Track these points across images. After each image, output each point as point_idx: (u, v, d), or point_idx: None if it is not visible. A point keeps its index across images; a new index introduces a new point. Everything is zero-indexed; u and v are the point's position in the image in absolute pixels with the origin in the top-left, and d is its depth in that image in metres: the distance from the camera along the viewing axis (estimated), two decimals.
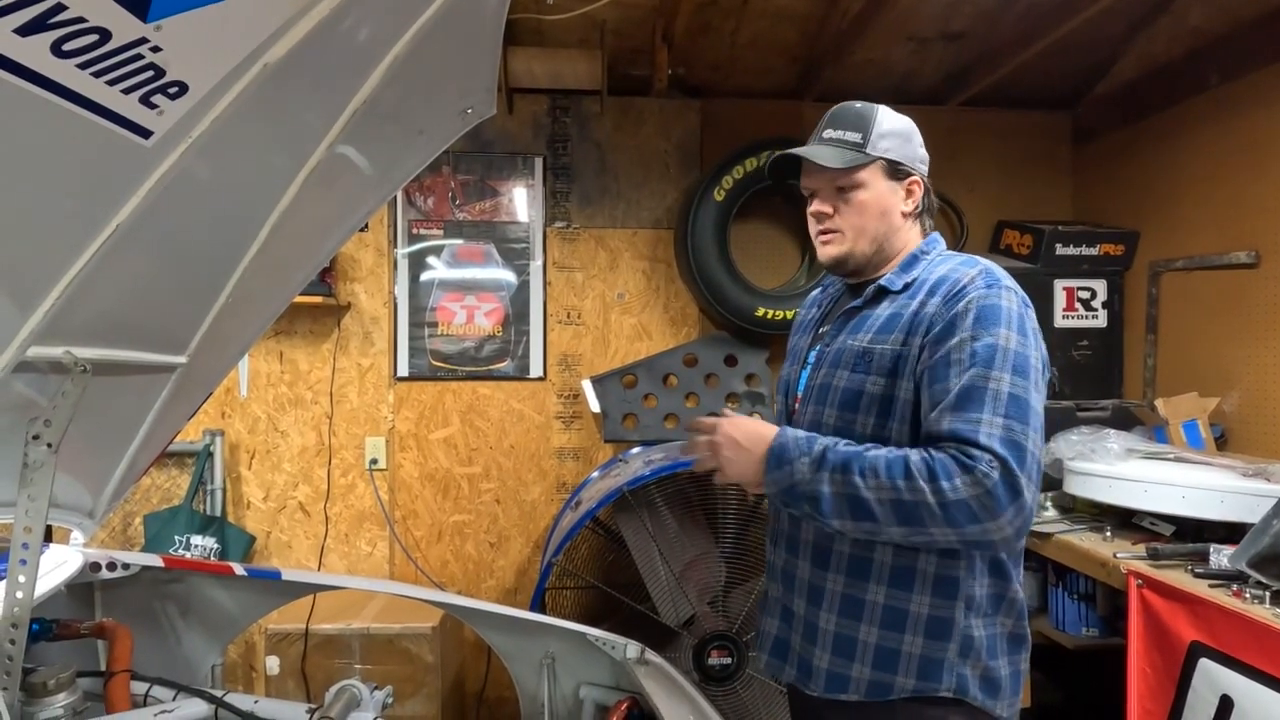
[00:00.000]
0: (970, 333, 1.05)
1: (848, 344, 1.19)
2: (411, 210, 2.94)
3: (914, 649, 1.11)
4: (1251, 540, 1.53)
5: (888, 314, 1.17)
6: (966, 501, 0.99)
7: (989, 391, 1.02)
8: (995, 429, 1.00)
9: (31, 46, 0.61)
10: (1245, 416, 2.41)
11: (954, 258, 1.19)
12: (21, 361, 0.89)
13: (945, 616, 1.10)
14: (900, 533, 1.04)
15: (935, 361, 1.07)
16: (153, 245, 0.93)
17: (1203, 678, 1.46)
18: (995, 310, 1.06)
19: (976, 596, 1.11)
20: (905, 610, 1.11)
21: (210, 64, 0.77)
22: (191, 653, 1.65)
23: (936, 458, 1.02)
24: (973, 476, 0.98)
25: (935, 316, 1.09)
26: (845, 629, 1.15)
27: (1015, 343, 1.05)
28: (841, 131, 1.19)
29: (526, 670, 1.60)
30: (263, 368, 2.83)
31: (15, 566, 1.03)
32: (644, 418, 2.79)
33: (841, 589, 1.16)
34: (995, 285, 1.09)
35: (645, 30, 2.58)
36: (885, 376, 1.12)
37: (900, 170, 1.20)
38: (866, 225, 1.19)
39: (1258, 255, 2.35)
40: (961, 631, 1.10)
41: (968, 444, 1.00)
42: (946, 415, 1.03)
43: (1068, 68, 2.83)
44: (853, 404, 1.15)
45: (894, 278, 1.20)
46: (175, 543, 2.62)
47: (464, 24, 0.98)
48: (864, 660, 1.13)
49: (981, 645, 1.11)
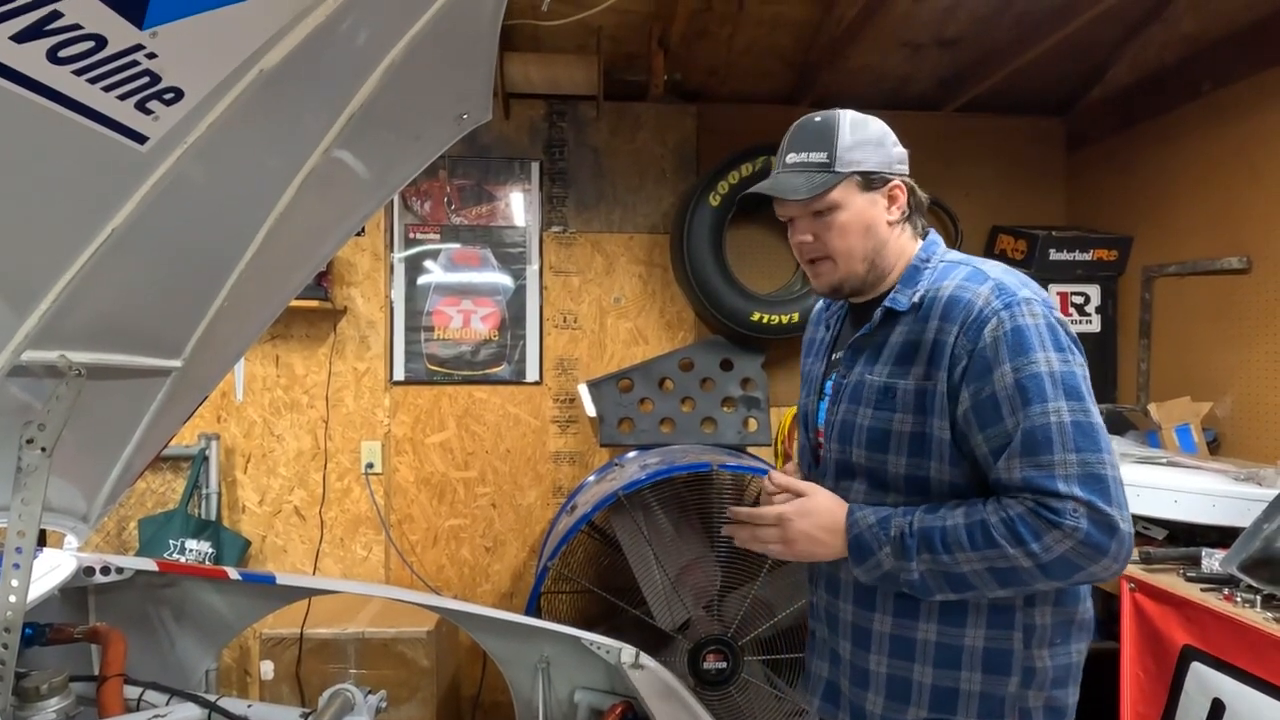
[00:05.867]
0: (1010, 365, 0.99)
1: (866, 378, 1.12)
2: (408, 214, 2.95)
3: (972, 685, 1.05)
4: (1243, 544, 1.54)
5: (902, 340, 1.10)
6: (1064, 556, 0.95)
7: (1052, 428, 0.96)
8: (1071, 469, 0.95)
9: (27, 53, 0.61)
10: (1238, 421, 2.42)
11: (958, 268, 1.11)
12: (16, 365, 0.89)
13: (1003, 648, 1.05)
14: (1009, 591, 1.01)
15: (981, 403, 1.01)
16: (148, 250, 0.94)
17: (1195, 681, 1.47)
18: (1023, 333, 0.99)
19: (1038, 626, 1.05)
20: (960, 645, 1.05)
21: (206, 70, 0.77)
22: (185, 657, 1.65)
23: (1016, 516, 0.96)
24: (1061, 531, 0.94)
25: (959, 349, 1.02)
26: (898, 670, 1.09)
27: (1057, 363, 0.99)
28: (805, 154, 1.11)
29: (522, 675, 1.60)
30: (259, 371, 2.83)
31: (8, 571, 1.03)
32: (640, 422, 2.80)
33: (889, 629, 1.10)
34: (1015, 302, 1.02)
35: (641, 36, 2.60)
36: (913, 414, 1.06)
37: (876, 179, 1.12)
38: (853, 246, 1.12)
39: (1249, 260, 2.37)
40: (1022, 664, 1.04)
41: (1046, 494, 0.95)
42: (1017, 463, 0.97)
43: (1061, 74, 2.85)
44: (881, 444, 1.09)
45: (899, 296, 1.12)
46: (170, 547, 2.61)
47: (460, 30, 0.99)
48: (920, 703, 1.07)
49: (1046, 677, 1.05)
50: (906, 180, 1.16)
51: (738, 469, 2.30)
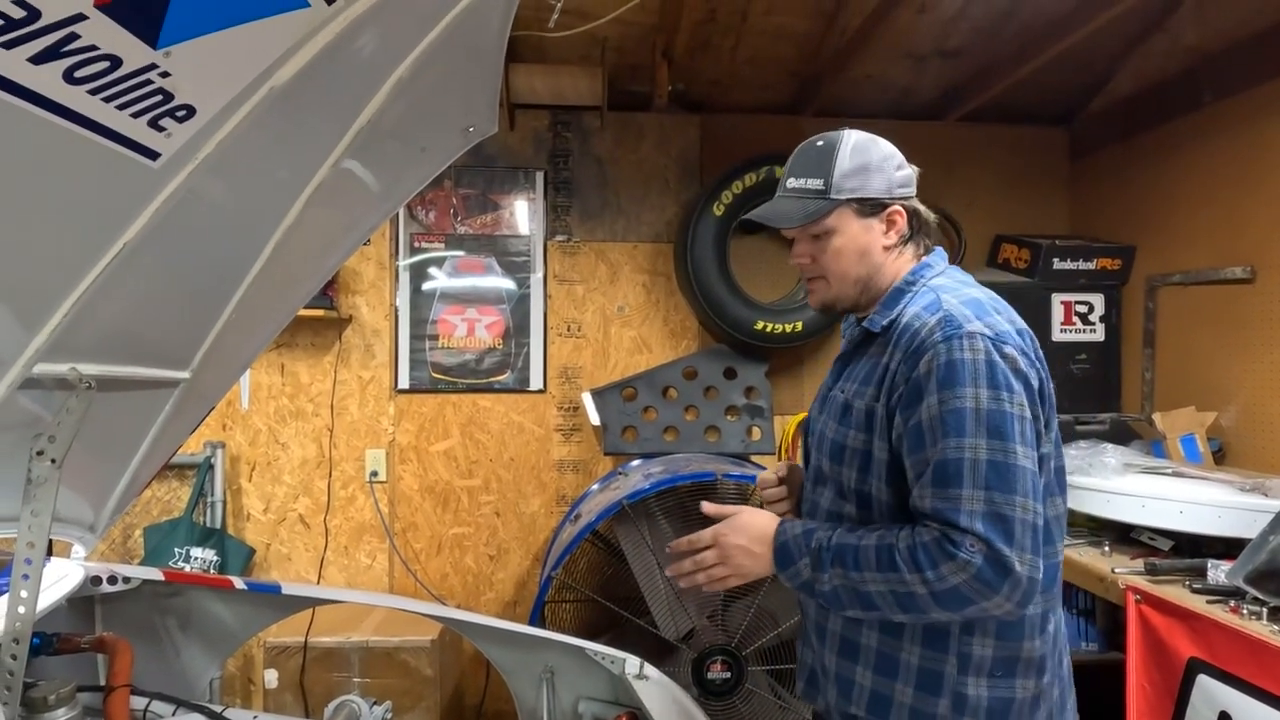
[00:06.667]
0: (936, 397, 1.01)
1: (836, 394, 1.19)
2: (413, 224, 2.96)
3: (905, 698, 1.08)
4: (1249, 556, 1.54)
5: (870, 362, 1.14)
6: (956, 588, 0.97)
7: (965, 463, 0.98)
8: (976, 504, 0.97)
9: (44, 74, 0.62)
10: (1243, 431, 2.42)
11: (928, 294, 1.12)
12: (28, 378, 0.90)
13: (936, 670, 1.07)
14: (908, 617, 1.04)
15: (908, 430, 1.04)
16: (158, 263, 0.94)
17: (1201, 694, 1.46)
18: (956, 367, 1.00)
19: (975, 655, 1.06)
20: (897, 657, 1.09)
21: (218, 88, 0.78)
22: (190, 666, 1.65)
23: (920, 544, 0.99)
24: (955, 563, 0.96)
25: (899, 376, 1.06)
26: (844, 670, 1.15)
27: (986, 400, 0.99)
28: (803, 179, 1.15)
29: (526, 684, 1.60)
30: (264, 380, 2.84)
31: (18, 581, 1.03)
32: (644, 430, 2.80)
33: (840, 629, 1.16)
34: (955, 335, 1.02)
35: (646, 47, 2.61)
36: (863, 432, 1.11)
37: (873, 205, 1.14)
38: (846, 270, 1.16)
39: (1253, 270, 2.37)
40: (954, 689, 1.06)
41: (950, 526, 0.98)
42: (928, 493, 1.01)
43: (1064, 84, 2.86)
44: (838, 456, 1.15)
45: (876, 318, 1.16)
46: (175, 555, 2.62)
47: (467, 44, 1.00)
48: (859, 703, 1.12)
49: (980, 706, 1.05)
50: (908, 204, 1.17)
51: (741, 478, 2.30)
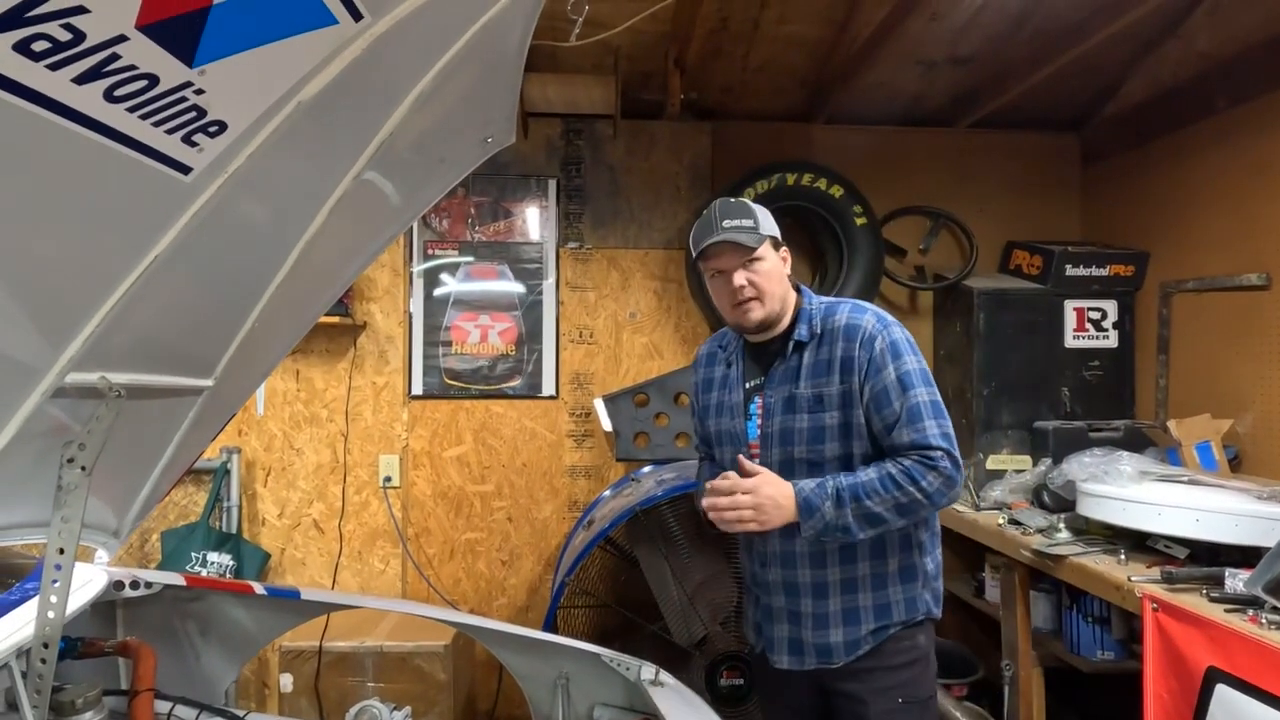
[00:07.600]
0: (893, 366, 1.44)
1: (794, 393, 1.50)
2: (427, 231, 2.99)
3: (897, 596, 1.50)
4: (1267, 565, 1.53)
5: (813, 361, 1.50)
6: (939, 488, 1.40)
7: (924, 405, 1.42)
8: (935, 429, 1.42)
9: (86, 94, 0.64)
10: (1259, 438, 2.40)
11: (840, 305, 1.53)
12: (59, 388, 0.92)
13: (909, 565, 1.51)
14: (905, 520, 1.43)
15: (877, 394, 1.44)
16: (187, 274, 0.96)
17: (1220, 704, 1.45)
18: (896, 345, 1.46)
19: (925, 542, 1.54)
20: (885, 573, 1.50)
21: (249, 103, 0.80)
22: (210, 671, 1.67)
23: (909, 465, 1.40)
24: (937, 471, 1.40)
25: (860, 359, 1.46)
26: (849, 603, 1.49)
27: (915, 363, 1.46)
28: (739, 220, 1.48)
29: (541, 690, 1.61)
30: (279, 386, 2.87)
31: (48, 586, 1.05)
32: (656, 436, 2.81)
33: (839, 576, 1.50)
34: (886, 325, 1.49)
35: (658, 56, 2.63)
36: (839, 410, 1.47)
37: (776, 242, 1.53)
38: (774, 290, 1.50)
39: (1269, 277, 2.36)
40: (923, 571, 1.53)
41: (926, 448, 1.40)
42: (904, 430, 1.42)
43: (1076, 90, 2.85)
44: (819, 437, 1.48)
45: (801, 329, 1.52)
46: (191, 559, 2.65)
47: (487, 58, 1.02)
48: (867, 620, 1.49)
49: (931, 572, 1.54)
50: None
51: None
